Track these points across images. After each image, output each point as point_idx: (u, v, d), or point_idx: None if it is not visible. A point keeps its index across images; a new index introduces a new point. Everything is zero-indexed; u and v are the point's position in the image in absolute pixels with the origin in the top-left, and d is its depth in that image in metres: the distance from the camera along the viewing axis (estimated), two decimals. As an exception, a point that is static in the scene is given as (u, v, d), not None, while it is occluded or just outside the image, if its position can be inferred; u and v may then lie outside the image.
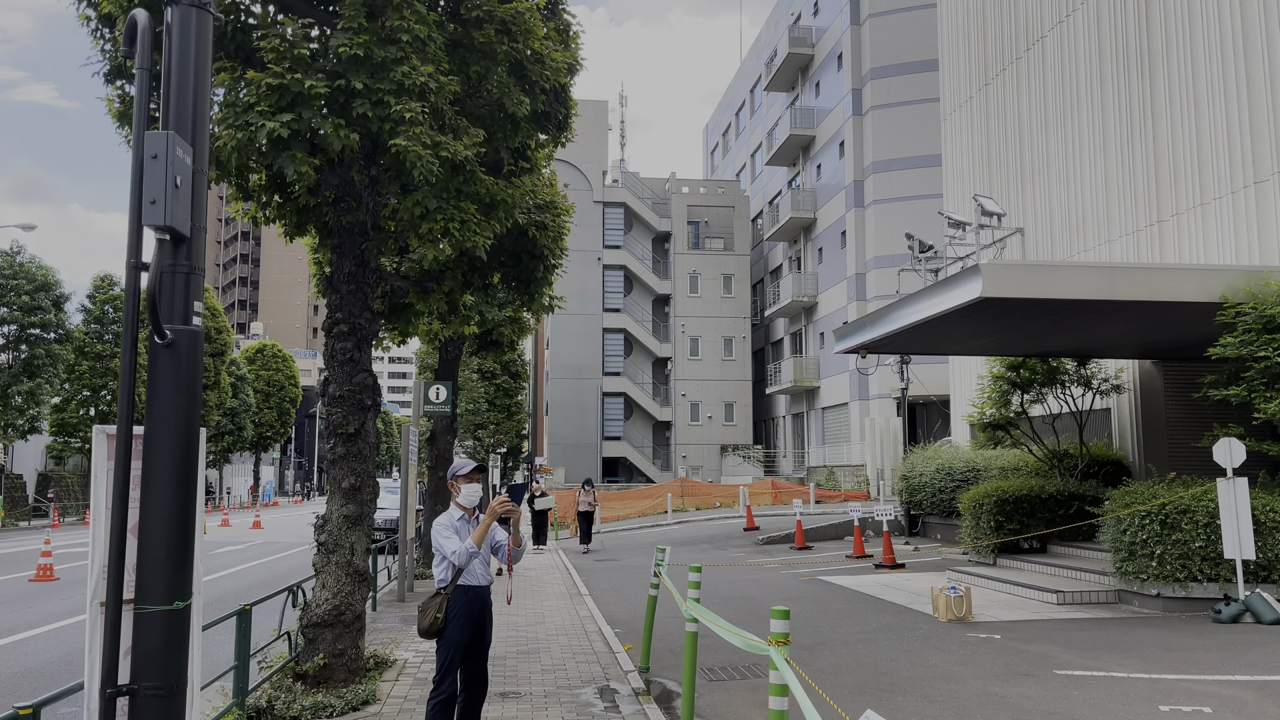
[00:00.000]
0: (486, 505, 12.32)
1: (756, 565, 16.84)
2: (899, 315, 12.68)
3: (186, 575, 3.92)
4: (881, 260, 35.15)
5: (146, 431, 3.91)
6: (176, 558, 3.88)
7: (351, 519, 7.74)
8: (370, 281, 8.15)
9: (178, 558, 3.89)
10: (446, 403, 14.56)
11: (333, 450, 7.85)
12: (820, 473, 37.40)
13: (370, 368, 8.15)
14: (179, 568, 3.89)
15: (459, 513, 5.36)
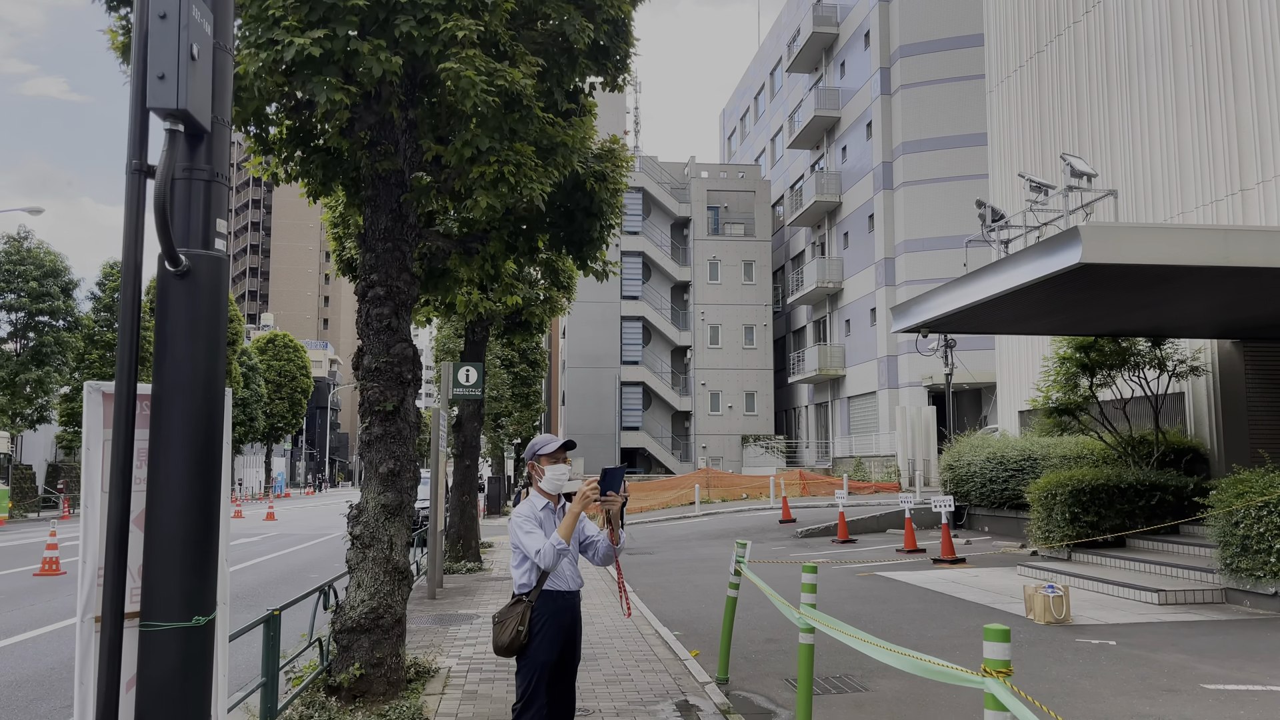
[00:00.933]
0: None
1: (803, 560, 15.83)
2: (971, 289, 11.64)
3: (208, 580, 2.94)
4: (912, 244, 34.05)
5: (155, 390, 2.93)
6: (195, 556, 2.90)
7: (390, 509, 6.77)
8: (408, 239, 7.17)
9: (196, 556, 2.91)
10: (477, 386, 13.60)
11: (368, 430, 6.89)
12: (847, 464, 36.38)
13: (409, 336, 7.17)
14: (198, 569, 2.91)
15: (542, 501, 4.38)
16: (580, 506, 4.20)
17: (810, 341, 42.96)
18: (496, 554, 18.11)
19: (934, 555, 15.27)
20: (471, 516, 15.72)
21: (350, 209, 11.90)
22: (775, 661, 7.95)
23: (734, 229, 46.14)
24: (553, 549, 4.12)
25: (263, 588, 13.50)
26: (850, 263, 38.70)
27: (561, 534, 4.16)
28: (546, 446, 4.39)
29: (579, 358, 45.35)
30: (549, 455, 4.37)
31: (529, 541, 4.17)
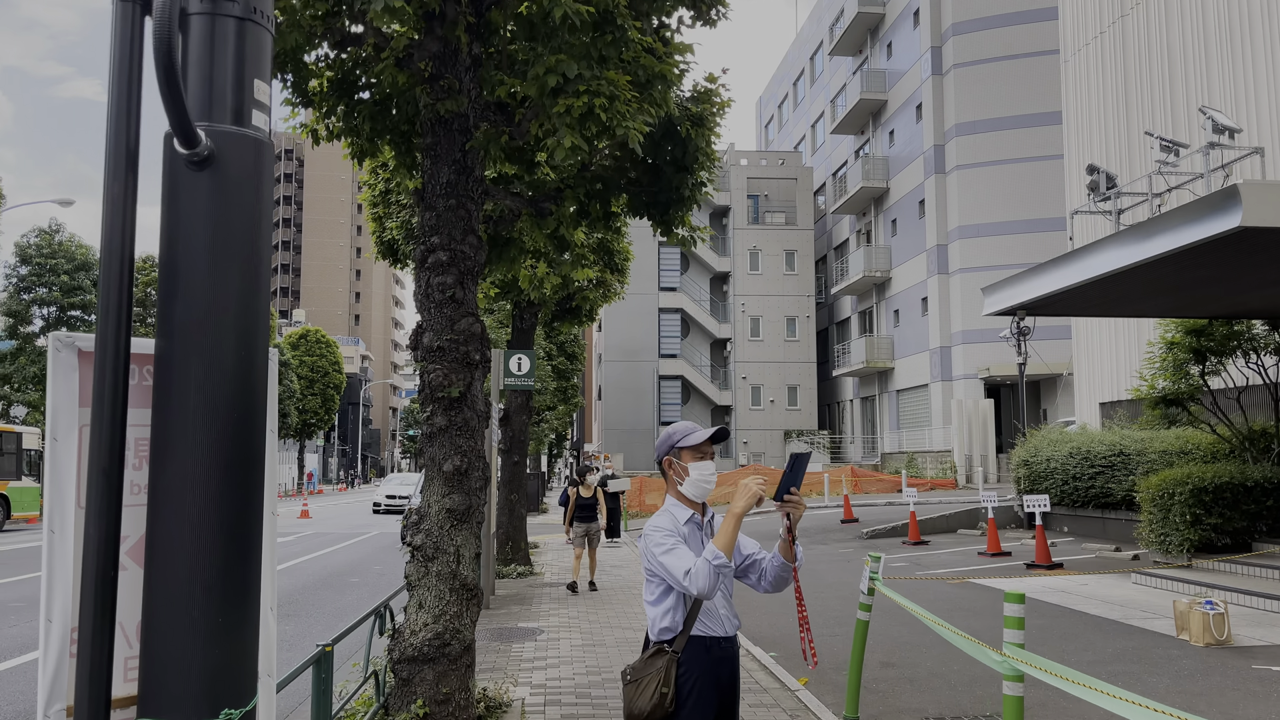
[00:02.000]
0: None
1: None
2: (1084, 265, 10.39)
3: (245, 646, 1.85)
4: (966, 230, 32.59)
5: (160, 348, 1.84)
6: (224, 609, 1.81)
7: (456, 514, 5.69)
8: (474, 195, 6.07)
9: (227, 609, 1.81)
10: (529, 376, 12.53)
11: (429, 421, 5.80)
12: (897, 459, 35.02)
13: (476, 310, 6.08)
14: (230, 632, 1.82)
15: (686, 511, 3.23)
16: (747, 505, 3.07)
17: (855, 333, 41.56)
18: (544, 555, 17.04)
19: (1024, 559, 14.02)
20: (520, 516, 14.67)
21: (399, 174, 10.82)
22: (904, 695, 6.80)
23: (775, 217, 44.83)
24: (709, 568, 2.96)
25: (302, 594, 12.53)
26: (899, 251, 37.29)
27: (721, 545, 3.01)
28: (689, 437, 3.24)
29: (616, 351, 44.28)
30: (693, 449, 3.23)
31: (674, 561, 3.02)
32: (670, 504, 3.23)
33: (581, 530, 12.43)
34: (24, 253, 32.88)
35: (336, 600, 11.96)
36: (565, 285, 13.79)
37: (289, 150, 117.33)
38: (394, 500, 32.22)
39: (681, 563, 2.99)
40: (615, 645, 8.34)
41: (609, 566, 15.09)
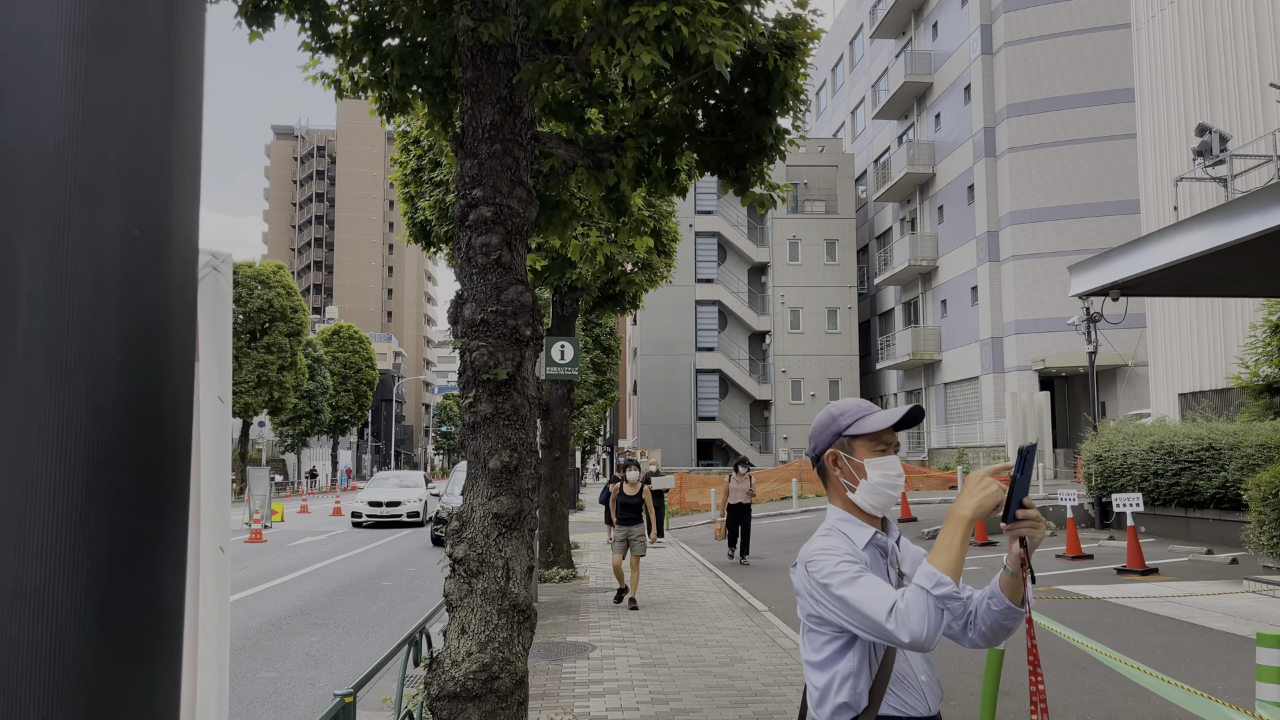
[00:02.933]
0: None
1: (951, 567, 13.51)
2: (1196, 236, 9.24)
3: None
4: (1019, 215, 31.21)
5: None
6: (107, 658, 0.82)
7: (505, 520, 4.76)
8: (522, 140, 5.12)
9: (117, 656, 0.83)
10: (573, 365, 11.59)
11: (472, 408, 4.87)
12: (946, 455, 33.73)
13: (525, 277, 5.12)
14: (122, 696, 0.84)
15: (864, 529, 2.18)
16: (981, 508, 2.04)
17: (900, 325, 40.25)
18: (586, 556, 16.12)
19: (1109, 563, 12.87)
20: (562, 516, 13.75)
21: (435, 138, 9.98)
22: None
23: (815, 206, 43.57)
24: (928, 601, 1.89)
25: (330, 600, 11.69)
26: (946, 238, 35.94)
27: (945, 566, 1.95)
28: (865, 420, 2.23)
29: (652, 344, 43.31)
30: (870, 438, 2.21)
31: (864, 595, 1.98)
32: (836, 518, 2.22)
33: (622, 535, 10.75)
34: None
35: (368, 608, 11.11)
36: (609, 267, 12.83)
37: (321, 147, 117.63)
38: (380, 509, 24.32)
39: (878, 596, 1.96)
40: (679, 665, 7.37)
41: (655, 569, 14.12)
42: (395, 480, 27.23)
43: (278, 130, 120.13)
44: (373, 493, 25.49)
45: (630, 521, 10.77)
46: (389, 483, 26.84)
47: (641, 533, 10.81)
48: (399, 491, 25.31)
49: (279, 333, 47.49)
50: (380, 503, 24.48)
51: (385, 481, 27.12)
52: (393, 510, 24.28)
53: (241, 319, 46.67)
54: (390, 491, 25.31)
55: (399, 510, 24.20)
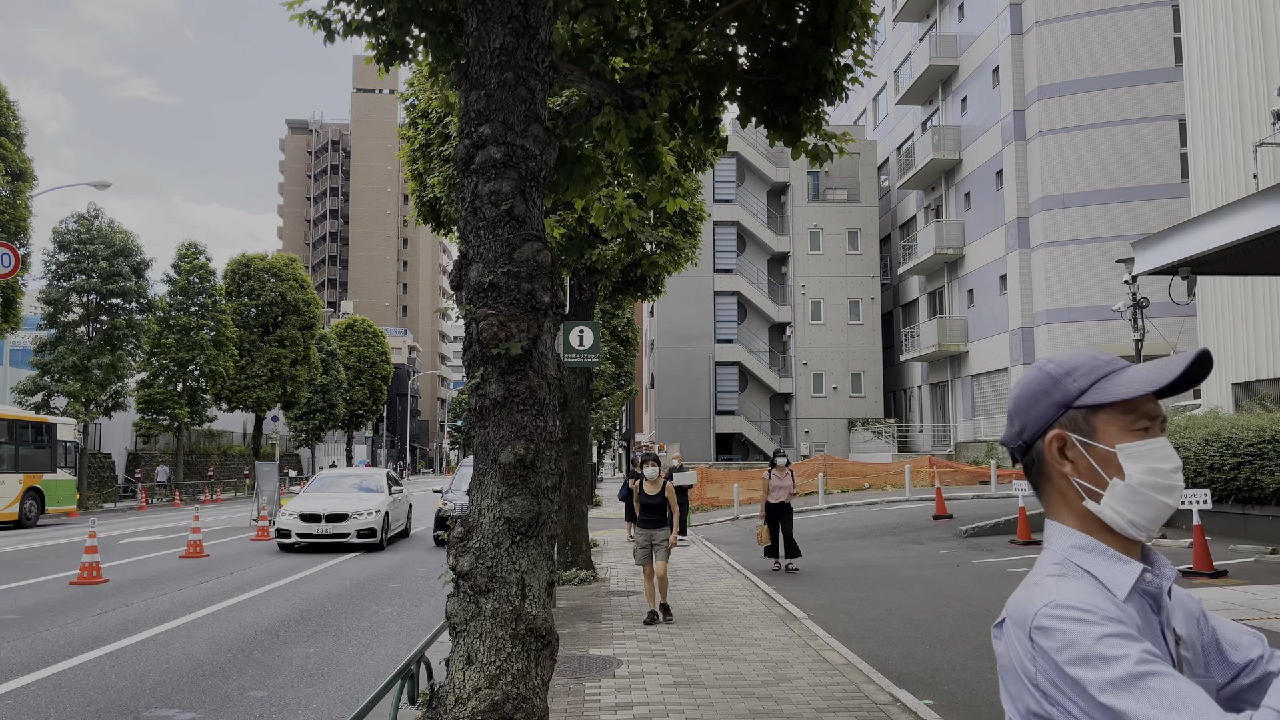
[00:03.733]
0: None
1: (994, 572, 12.66)
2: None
3: None
4: (1051, 201, 30.13)
5: None
6: None
7: (519, 525, 3.94)
8: (538, 68, 4.27)
9: None
10: (592, 350, 10.75)
11: (480, 391, 4.05)
12: (974, 449, 32.72)
13: (543, 232, 4.28)
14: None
15: (1124, 566, 1.28)
16: None
17: (924, 315, 39.20)
18: (605, 556, 15.30)
19: (1186, 568, 11.92)
20: (581, 513, 12.93)
21: (441, 100, 9.19)
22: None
23: (836, 194, 42.55)
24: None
25: (334, 603, 10.91)
26: (973, 226, 34.88)
27: None
28: (1117, 378, 1.33)
29: (669, 336, 42.44)
30: (1128, 406, 1.32)
31: (1157, 703, 1.08)
32: (1069, 546, 1.32)
33: (645, 540, 9.31)
34: (62, 239, 31.97)
35: (374, 613, 10.31)
36: (631, 247, 11.98)
37: (335, 141, 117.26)
38: (318, 525, 16.63)
39: (1194, 701, 1.09)
40: (717, 685, 6.53)
41: (680, 571, 13.28)
42: (349, 480, 18.97)
43: (292, 124, 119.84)
44: (308, 501, 17.39)
45: (653, 524, 9.35)
46: (339, 486, 18.63)
47: (665, 537, 9.38)
48: (347, 499, 17.35)
49: (292, 326, 46.93)
50: (318, 515, 16.63)
51: (331, 484, 18.81)
52: (335, 527, 16.57)
53: (254, 312, 46.15)
54: (332, 500, 17.24)
55: (344, 527, 16.59)
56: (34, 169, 26.62)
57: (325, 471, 20.60)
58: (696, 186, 12.26)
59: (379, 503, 17.44)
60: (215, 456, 49.81)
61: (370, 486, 18.60)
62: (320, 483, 19.07)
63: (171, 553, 16.49)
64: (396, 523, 18.53)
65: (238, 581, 12.83)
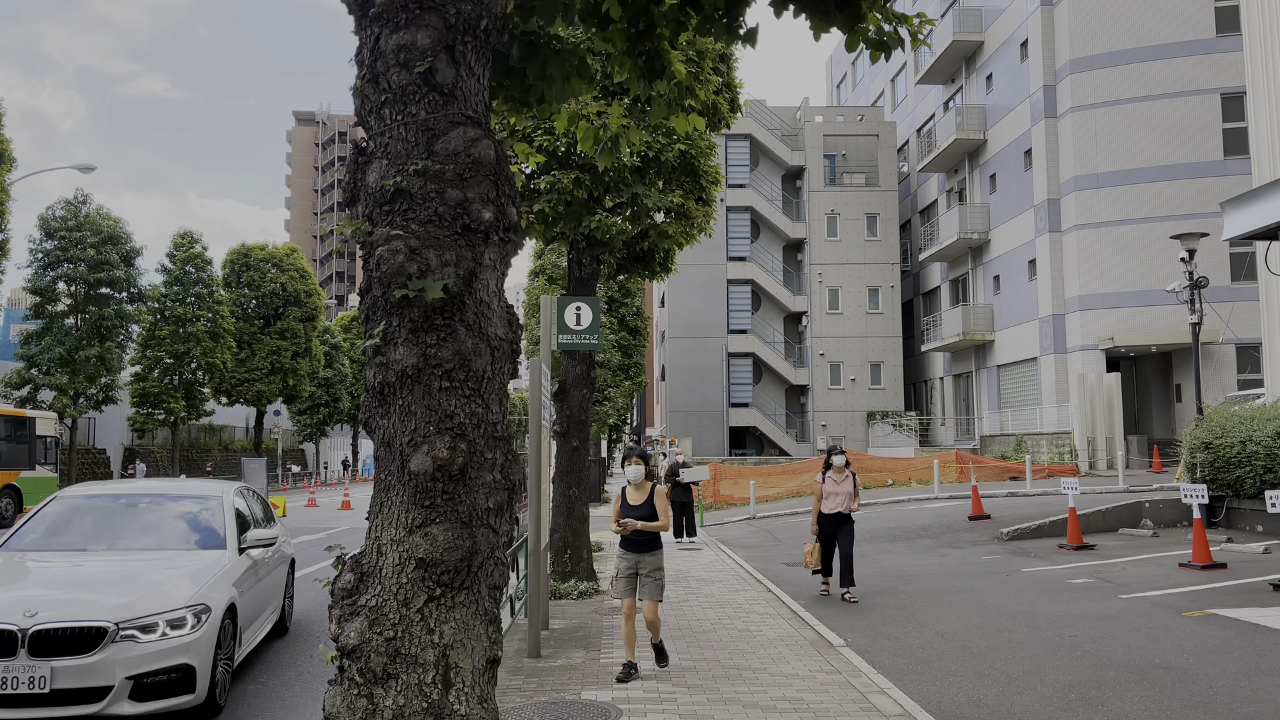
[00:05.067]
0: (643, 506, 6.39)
1: (1051, 585, 11.15)
2: None
3: None
4: (1084, 180, 28.46)
5: None
6: None
7: (439, 572, 2.48)
8: None
9: None
10: (590, 330, 9.29)
11: (378, 358, 2.59)
12: (1001, 443, 31.13)
13: (484, 117, 2.80)
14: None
15: None
16: None
17: (947, 303, 37.57)
18: (609, 562, 13.84)
19: (1248, 574, 10.43)
20: (581, 516, 11.49)
21: None
22: None
23: (854, 178, 40.93)
24: None
25: (297, 633, 9.46)
26: (999, 209, 33.23)
27: None
28: None
29: (681, 327, 40.94)
30: None
31: None
32: None
33: (629, 566, 6.79)
34: (48, 225, 30.72)
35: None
36: (638, 215, 10.50)
37: (343, 133, 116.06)
38: None
39: None
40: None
41: (693, 580, 11.84)
42: (137, 515, 7.28)
43: (299, 116, 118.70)
44: None
45: (639, 545, 6.78)
46: (109, 531, 7.04)
47: (657, 564, 6.80)
48: (110, 579, 6.00)
49: (293, 318, 45.62)
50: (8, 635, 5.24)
51: (96, 525, 7.12)
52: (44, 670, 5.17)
53: (255, 304, 44.89)
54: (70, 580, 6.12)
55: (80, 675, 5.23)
56: (12, 150, 25.31)
57: (80, 492, 7.74)
58: (711, 146, 10.79)
59: (198, 586, 6.13)
60: (216, 451, 48.63)
61: (182, 535, 7.20)
62: (62, 521, 7.25)
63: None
64: (256, 622, 7.34)
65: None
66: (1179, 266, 26.04)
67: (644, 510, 6.84)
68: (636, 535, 6.81)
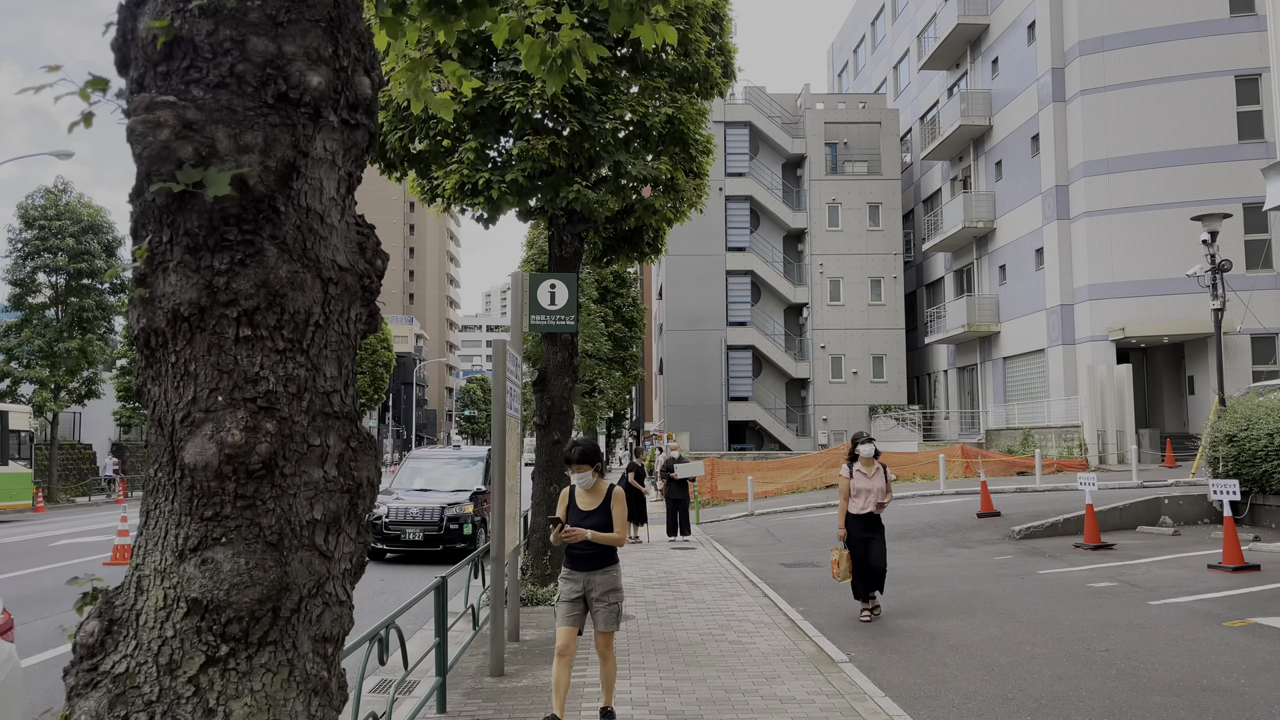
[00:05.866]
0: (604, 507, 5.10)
1: (1071, 588, 10.30)
2: None
3: None
4: (1094, 166, 27.54)
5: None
6: None
7: (227, 620, 1.55)
8: None
9: None
10: (568, 312, 8.43)
11: (144, 292, 1.68)
12: (1007, 437, 30.25)
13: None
14: None
15: None
16: None
17: (950, 294, 36.67)
18: (598, 563, 13.02)
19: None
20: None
21: None
22: None
23: (856, 167, 40.01)
24: None
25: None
26: (1005, 197, 32.32)
27: None
28: None
29: (678, 319, 40.03)
30: None
31: None
32: None
33: (575, 589, 5.49)
34: (27, 214, 29.85)
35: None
36: (622, 188, 9.64)
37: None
38: None
39: None
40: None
41: (683, 585, 11.00)
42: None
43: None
44: None
45: (589, 562, 5.45)
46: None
47: (612, 585, 5.45)
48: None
49: (284, 311, 44.79)
50: None
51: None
52: None
53: (245, 297, 44.01)
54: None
55: None
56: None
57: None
58: (704, 110, 9.92)
59: None
60: (207, 447, 47.83)
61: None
62: None
63: (100, 558, 14.32)
64: None
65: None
66: (1191, 253, 25.16)
67: (597, 519, 5.43)
68: (584, 549, 5.42)
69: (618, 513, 5.48)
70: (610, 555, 5.51)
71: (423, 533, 13.40)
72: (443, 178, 9.05)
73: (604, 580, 5.45)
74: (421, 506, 13.65)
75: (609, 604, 5.42)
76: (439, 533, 13.42)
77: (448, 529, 13.47)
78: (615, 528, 5.45)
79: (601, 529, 5.42)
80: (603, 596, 5.42)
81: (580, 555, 5.47)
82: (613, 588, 5.47)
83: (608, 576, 5.47)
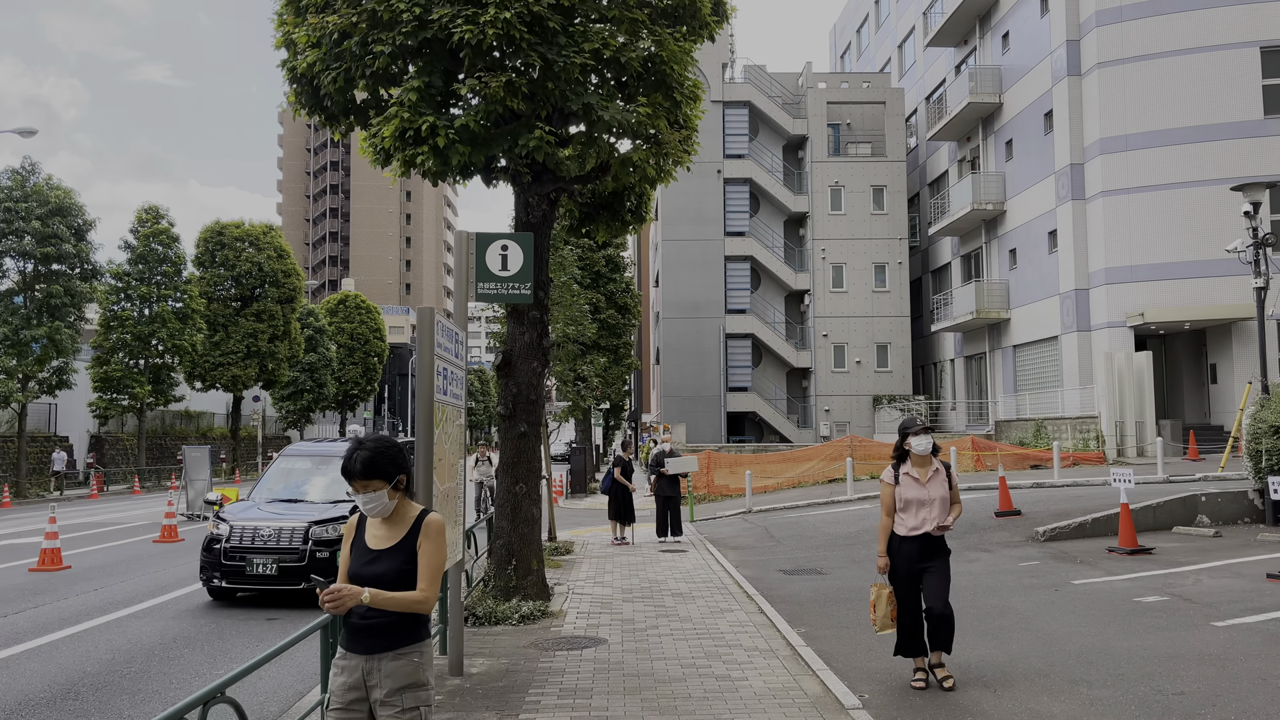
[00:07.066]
0: None
1: (1115, 603, 8.96)
2: None
3: None
4: (1111, 143, 26.11)
5: None
6: None
7: None
8: None
9: None
10: (522, 280, 7.07)
11: None
12: (1018, 428, 28.89)
13: None
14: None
15: None
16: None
17: (958, 280, 35.26)
18: (578, 567, 11.71)
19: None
20: (531, 520, 9.28)
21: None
22: None
23: (859, 148, 38.57)
24: None
25: (148, 659, 7.29)
26: (1016, 177, 30.90)
27: None
28: None
29: (675, 306, 38.66)
30: None
31: None
32: None
33: (348, 686, 3.24)
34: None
35: (208, 668, 6.69)
36: (594, 142, 8.26)
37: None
38: None
39: None
40: None
41: (668, 597, 9.67)
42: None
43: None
44: None
45: (370, 640, 3.23)
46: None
47: (410, 679, 3.22)
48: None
49: (270, 299, 43.42)
50: None
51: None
52: None
53: (230, 284, 42.70)
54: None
55: None
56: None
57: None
58: (689, 47, 8.54)
59: None
60: (193, 439, 46.47)
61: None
62: None
63: (26, 563, 13.01)
64: None
65: (57, 613, 9.31)
66: (1215, 233, 23.71)
67: (390, 564, 3.25)
68: (365, 615, 3.20)
69: (428, 555, 3.27)
70: (410, 627, 3.25)
71: (276, 564, 9.44)
72: (380, 124, 7.68)
73: (395, 671, 3.20)
74: (276, 527, 9.68)
75: (400, 711, 3.18)
76: (298, 562, 9.45)
77: (313, 558, 9.49)
78: (420, 581, 3.24)
79: (397, 579, 3.22)
80: (391, 698, 3.18)
81: (359, 626, 3.23)
82: (409, 683, 3.21)
83: (401, 664, 3.21)
